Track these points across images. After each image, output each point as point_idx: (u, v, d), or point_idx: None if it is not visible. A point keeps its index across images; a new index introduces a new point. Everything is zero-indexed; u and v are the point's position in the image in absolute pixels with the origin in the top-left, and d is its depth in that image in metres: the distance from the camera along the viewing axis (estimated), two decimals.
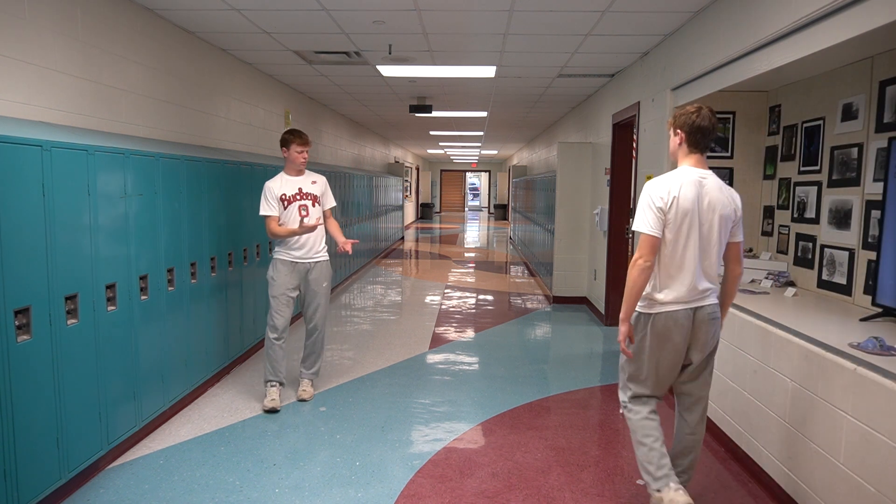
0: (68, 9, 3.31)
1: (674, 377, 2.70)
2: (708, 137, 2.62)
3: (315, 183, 4.17)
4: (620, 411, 2.54)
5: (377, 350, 5.54)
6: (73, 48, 3.36)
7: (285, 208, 4.04)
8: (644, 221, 2.57)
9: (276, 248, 4.10)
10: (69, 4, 3.32)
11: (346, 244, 4.11)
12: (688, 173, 2.59)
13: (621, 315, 2.65)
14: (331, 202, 4.27)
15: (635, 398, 2.74)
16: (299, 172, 4.13)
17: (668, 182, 2.58)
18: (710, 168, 2.67)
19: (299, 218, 4.02)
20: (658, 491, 2.56)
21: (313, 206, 4.12)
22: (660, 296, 2.59)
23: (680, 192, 2.54)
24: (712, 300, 2.62)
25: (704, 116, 2.59)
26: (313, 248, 4.10)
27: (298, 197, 4.07)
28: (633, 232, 5.39)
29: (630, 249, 5.72)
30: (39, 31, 3.10)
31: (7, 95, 2.90)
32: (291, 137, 4.03)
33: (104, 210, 3.13)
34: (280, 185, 4.06)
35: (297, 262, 4.06)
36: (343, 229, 9.01)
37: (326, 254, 4.21)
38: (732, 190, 2.66)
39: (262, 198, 4.04)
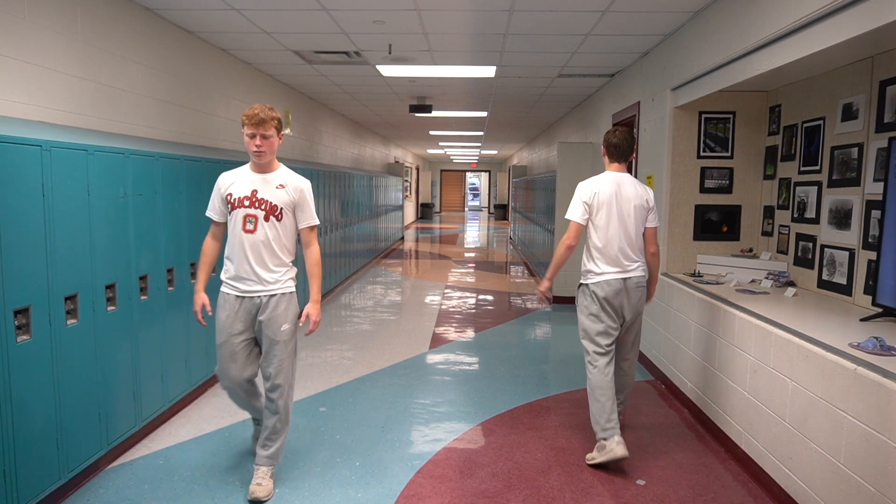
0: (68, 9, 3.31)
1: (616, 332, 3.38)
2: (621, 150, 3.45)
3: (282, 188, 2.89)
4: (586, 371, 3.40)
5: (377, 350, 5.54)
6: (72, 48, 3.36)
7: (230, 212, 2.91)
8: (573, 212, 3.39)
9: (222, 273, 2.98)
10: (69, 4, 3.32)
11: (312, 319, 2.97)
12: (608, 176, 3.43)
13: (546, 275, 3.56)
14: (309, 219, 2.98)
15: (596, 354, 3.37)
16: (262, 167, 2.92)
17: (593, 183, 3.41)
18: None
19: (241, 234, 2.86)
20: (604, 439, 3.25)
21: (268, 220, 2.86)
22: (596, 269, 3.36)
23: (600, 189, 3.37)
24: (639, 273, 3.39)
25: (618, 135, 3.46)
26: (263, 276, 2.88)
27: (247, 202, 2.85)
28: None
29: None
30: (39, 31, 3.10)
31: (7, 95, 2.90)
32: (242, 117, 2.85)
33: (104, 210, 3.13)
34: (232, 179, 2.93)
35: (243, 297, 2.91)
36: (343, 229, 8.65)
37: (290, 283, 2.96)
38: (646, 187, 3.48)
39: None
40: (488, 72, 6.25)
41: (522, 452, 3.49)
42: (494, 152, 21.31)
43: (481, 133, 13.69)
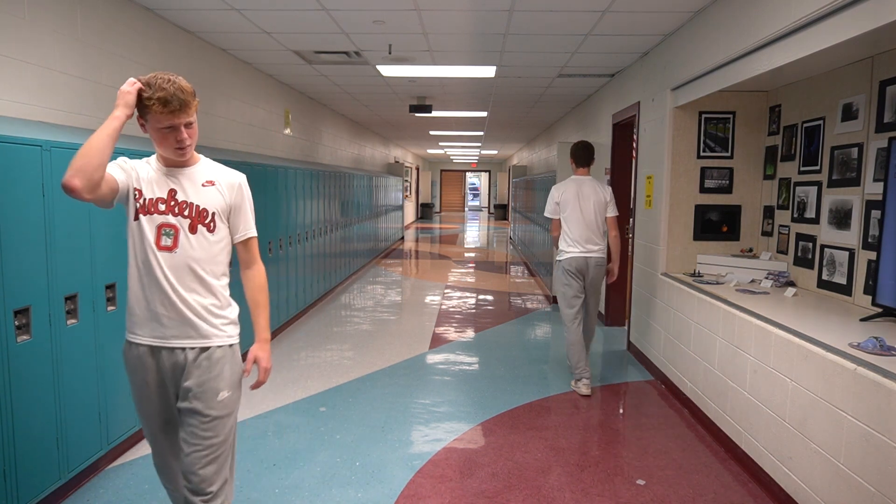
0: (68, 9, 3.31)
1: (581, 295, 4.45)
2: (582, 159, 4.55)
3: (211, 185, 2.07)
4: (564, 332, 4.56)
5: (377, 350, 5.54)
6: (72, 48, 3.36)
7: (135, 219, 1.99)
8: (547, 210, 4.60)
9: (127, 316, 2.07)
10: (69, 4, 3.32)
11: (262, 366, 2.19)
12: (572, 179, 4.54)
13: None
14: (247, 228, 2.15)
15: (569, 319, 4.45)
16: (178, 162, 2.05)
17: (561, 186, 4.55)
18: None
19: (153, 249, 1.98)
20: (577, 381, 4.44)
21: (195, 231, 2.01)
22: (566, 248, 4.47)
23: (566, 190, 4.49)
24: (599, 254, 4.44)
25: (579, 147, 4.57)
26: (190, 318, 2.01)
27: (163, 206, 2.00)
28: (632, 232, 5.42)
29: (630, 249, 5.72)
30: (40, 32, 3.10)
31: (7, 95, 2.90)
32: (151, 102, 1.90)
33: (104, 210, 3.12)
34: (145, 172, 2.04)
35: (160, 349, 2.03)
36: (343, 229, 8.66)
37: (231, 329, 2.12)
38: (605, 186, 4.55)
39: None
40: (488, 72, 6.25)
41: (522, 452, 3.49)
42: (494, 152, 21.31)
43: (481, 133, 13.69)
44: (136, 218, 1.99)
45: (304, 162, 7.55)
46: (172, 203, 2.02)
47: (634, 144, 5.74)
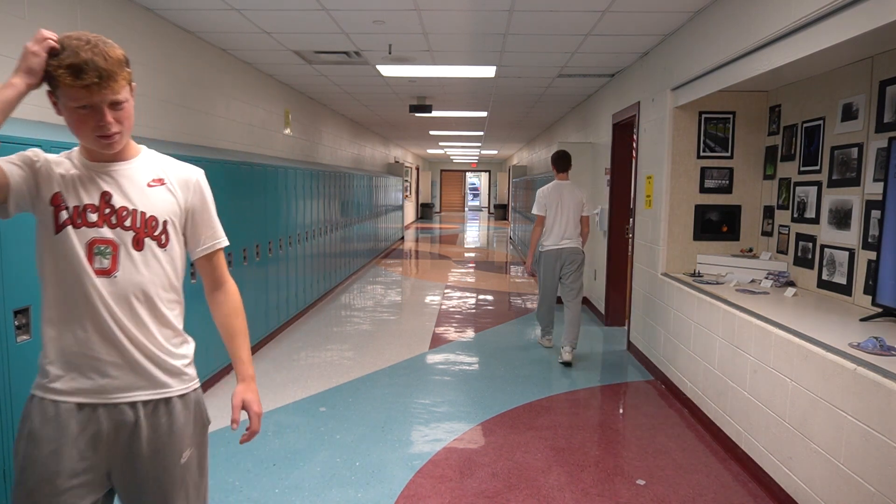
0: (68, 9, 3.31)
1: (556, 279, 5.37)
2: (561, 165, 5.36)
3: (159, 184, 1.58)
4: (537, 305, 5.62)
5: (377, 350, 5.54)
6: None
7: (56, 232, 1.47)
8: (536, 208, 5.35)
9: (41, 360, 1.51)
10: (69, 4, 3.32)
11: (254, 410, 1.67)
12: (554, 184, 5.33)
13: (529, 256, 5.57)
14: (213, 235, 1.68)
15: (544, 296, 5.56)
16: (109, 156, 1.54)
17: (546, 189, 5.32)
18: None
19: (88, 273, 1.46)
20: (545, 336, 5.74)
21: (140, 247, 1.51)
22: (547, 242, 5.32)
23: (549, 193, 5.28)
24: (571, 245, 5.26)
25: (558, 155, 5.37)
26: (140, 362, 1.52)
27: (94, 216, 1.49)
28: (632, 232, 5.43)
29: (630, 249, 5.72)
30: None
31: None
32: (57, 72, 1.40)
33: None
34: (63, 169, 1.55)
35: (95, 407, 1.49)
36: (343, 229, 8.66)
37: (191, 370, 1.66)
38: (581, 189, 5.36)
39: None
40: (488, 72, 6.25)
41: (522, 452, 3.49)
42: (494, 152, 21.31)
43: (481, 133, 13.69)
44: (59, 230, 1.46)
45: (304, 162, 7.55)
46: (107, 211, 1.48)
47: (634, 144, 5.74)
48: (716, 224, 4.64)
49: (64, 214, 1.47)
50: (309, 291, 6.98)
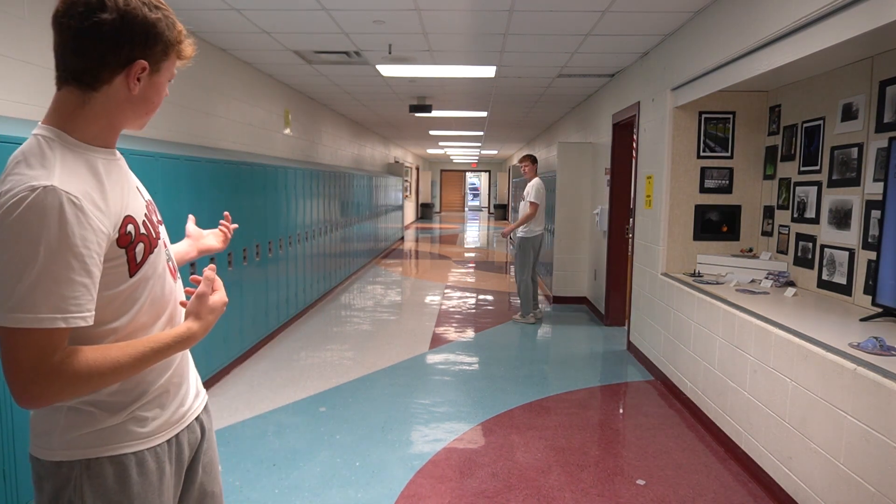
0: None
1: (535, 259, 6.57)
2: (536, 165, 6.73)
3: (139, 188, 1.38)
4: (521, 285, 6.60)
5: (377, 350, 5.54)
6: None
7: (138, 266, 1.19)
8: (536, 197, 6.40)
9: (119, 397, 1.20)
10: None
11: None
12: (538, 180, 6.50)
13: (510, 227, 6.78)
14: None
15: (526, 274, 6.56)
16: (108, 148, 1.25)
17: (540, 182, 6.47)
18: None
19: (172, 292, 1.32)
20: (531, 314, 6.63)
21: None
22: (536, 229, 6.50)
23: (543, 186, 6.50)
24: (542, 230, 6.62)
25: (533, 156, 6.72)
26: (193, 372, 1.44)
27: (156, 231, 1.30)
28: (632, 232, 5.42)
29: (630, 249, 5.72)
30: (40, 31, 3.10)
31: (7, 95, 2.90)
32: (180, 38, 1.29)
33: None
34: (101, 193, 1.13)
35: (176, 432, 1.30)
36: (343, 229, 8.70)
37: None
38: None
39: (50, 245, 1.02)
40: (488, 72, 6.25)
41: (522, 452, 3.49)
42: (494, 152, 21.31)
43: (481, 133, 13.69)
44: (144, 259, 1.20)
45: (304, 162, 7.55)
46: (155, 218, 1.34)
47: (634, 144, 5.74)
48: (716, 224, 4.64)
49: (140, 250, 1.18)
50: (309, 291, 6.98)
